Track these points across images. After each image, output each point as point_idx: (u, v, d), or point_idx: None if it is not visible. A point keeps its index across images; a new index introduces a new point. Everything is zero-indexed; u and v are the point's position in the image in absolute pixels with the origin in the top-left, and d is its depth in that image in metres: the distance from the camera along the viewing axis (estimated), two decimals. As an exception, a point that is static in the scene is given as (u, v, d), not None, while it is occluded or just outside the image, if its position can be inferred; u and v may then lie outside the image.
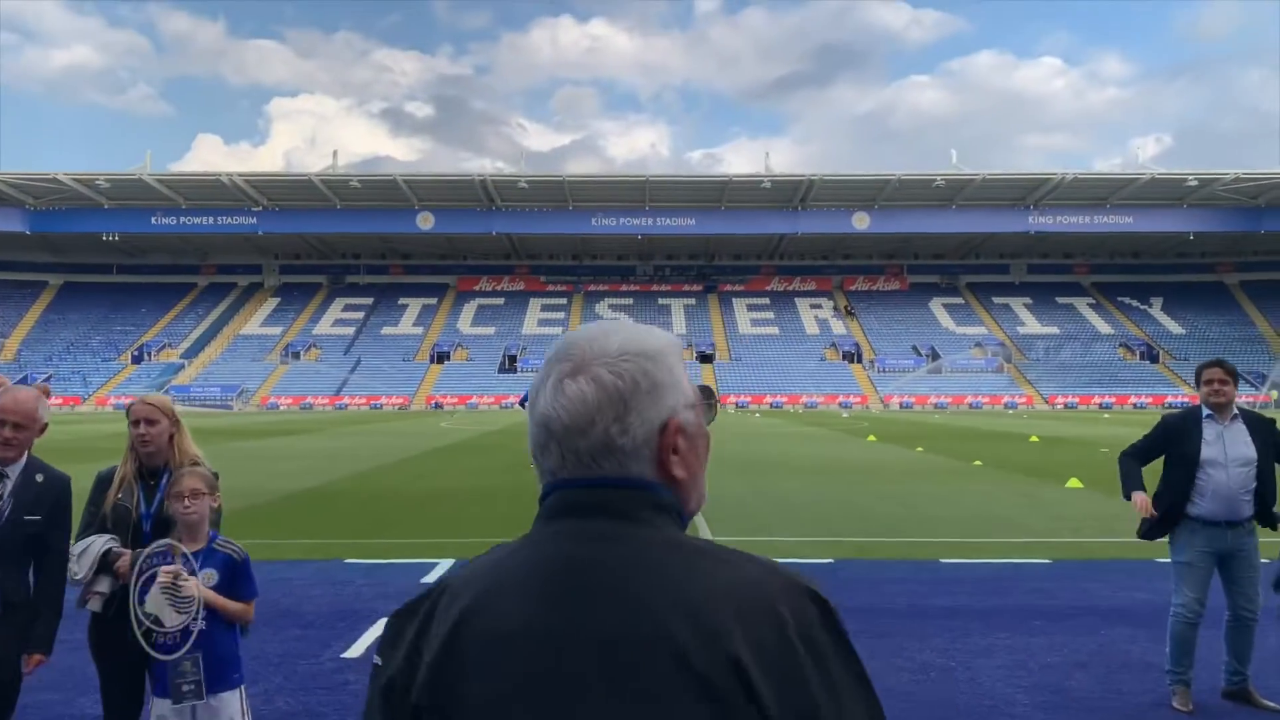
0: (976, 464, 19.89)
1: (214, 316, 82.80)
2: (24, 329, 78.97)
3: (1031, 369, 73.48)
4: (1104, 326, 79.81)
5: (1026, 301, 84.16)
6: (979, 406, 66.88)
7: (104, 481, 3.69)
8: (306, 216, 77.02)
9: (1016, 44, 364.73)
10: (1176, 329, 78.76)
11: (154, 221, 75.46)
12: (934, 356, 75.45)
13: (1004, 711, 4.95)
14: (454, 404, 67.74)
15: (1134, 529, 5.37)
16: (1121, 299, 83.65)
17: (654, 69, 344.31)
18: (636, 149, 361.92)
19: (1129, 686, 5.36)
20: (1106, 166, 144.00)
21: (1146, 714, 4.96)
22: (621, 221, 76.36)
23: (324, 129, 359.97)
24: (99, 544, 3.49)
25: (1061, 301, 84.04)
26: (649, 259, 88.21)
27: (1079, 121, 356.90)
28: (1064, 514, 12.35)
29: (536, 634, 0.97)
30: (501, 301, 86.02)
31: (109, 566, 3.48)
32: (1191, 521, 5.03)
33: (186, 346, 77.59)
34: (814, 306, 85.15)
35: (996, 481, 16.48)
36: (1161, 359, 74.63)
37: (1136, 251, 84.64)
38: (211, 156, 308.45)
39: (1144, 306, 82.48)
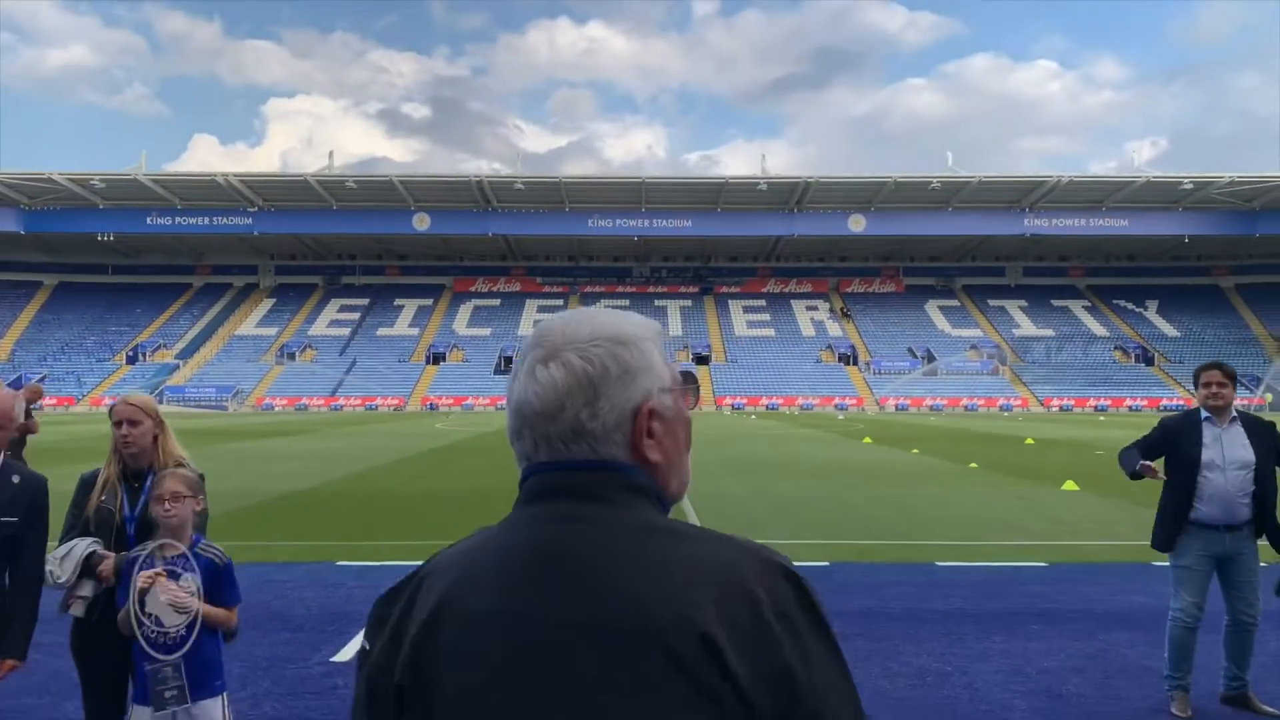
0: (972, 466, 19.86)
1: (209, 317, 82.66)
2: (18, 329, 78.76)
3: (1027, 371, 73.56)
4: (1099, 329, 79.93)
5: (1022, 304, 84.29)
6: (974, 409, 66.91)
7: (87, 484, 3.63)
8: (302, 217, 76.89)
9: (1012, 47, 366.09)
10: (1172, 332, 78.95)
11: (149, 222, 75.23)
12: (930, 359, 75.49)
13: (1001, 717, 4.90)
14: (449, 405, 67.64)
15: (1132, 533, 5.33)
16: (1117, 302, 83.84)
17: (651, 71, 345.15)
18: (633, 151, 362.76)
19: (1127, 691, 5.31)
20: (1102, 169, 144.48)
21: (1145, 719, 4.92)
22: (618, 223, 76.33)
23: (320, 130, 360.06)
24: (82, 547, 3.42)
25: (1057, 304, 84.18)
26: (645, 260, 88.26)
27: (1074, 124, 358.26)
28: (1061, 516, 12.29)
29: (510, 616, 0.99)
30: (497, 303, 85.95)
31: (92, 570, 3.42)
32: (1190, 525, 5.01)
33: (181, 347, 77.44)
34: (810, 308, 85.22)
35: (992, 484, 16.43)
36: (1157, 362, 74.77)
37: (1132, 254, 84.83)
38: (207, 157, 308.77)
39: (1139, 309, 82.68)
